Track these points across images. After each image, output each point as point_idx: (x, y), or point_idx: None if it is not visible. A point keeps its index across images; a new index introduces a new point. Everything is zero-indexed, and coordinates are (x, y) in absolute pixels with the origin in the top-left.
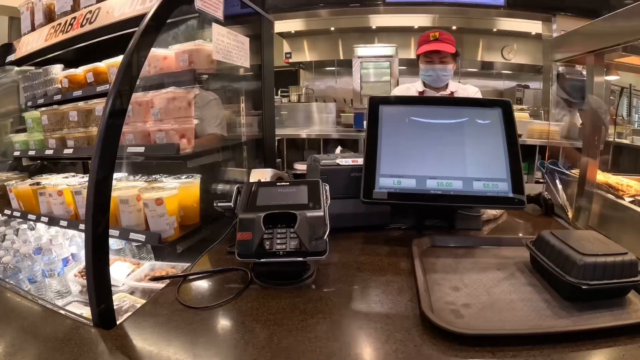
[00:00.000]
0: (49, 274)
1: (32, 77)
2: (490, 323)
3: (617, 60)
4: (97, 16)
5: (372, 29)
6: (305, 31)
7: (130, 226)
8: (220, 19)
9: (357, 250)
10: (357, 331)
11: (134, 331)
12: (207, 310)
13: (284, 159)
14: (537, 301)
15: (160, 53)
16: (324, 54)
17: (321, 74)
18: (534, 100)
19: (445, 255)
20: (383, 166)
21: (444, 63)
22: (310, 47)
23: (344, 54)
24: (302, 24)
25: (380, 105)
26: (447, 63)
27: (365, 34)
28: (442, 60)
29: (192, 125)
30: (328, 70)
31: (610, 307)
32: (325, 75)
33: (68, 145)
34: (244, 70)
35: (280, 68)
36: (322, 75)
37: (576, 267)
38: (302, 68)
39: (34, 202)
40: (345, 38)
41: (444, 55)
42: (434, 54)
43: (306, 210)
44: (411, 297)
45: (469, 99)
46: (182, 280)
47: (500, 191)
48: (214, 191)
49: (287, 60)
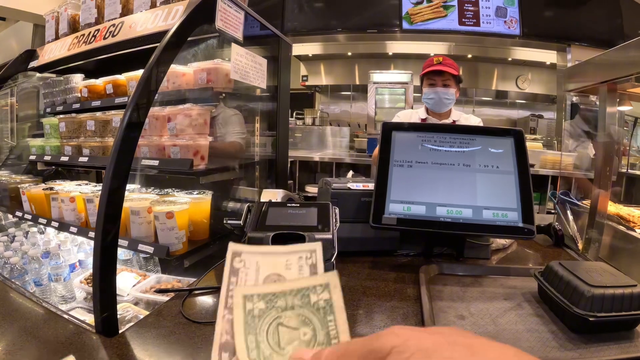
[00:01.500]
0: (55, 278)
1: (53, 84)
2: None
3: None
4: (120, 30)
5: (389, 55)
6: (322, 55)
7: (139, 237)
8: (240, 39)
9: (364, 274)
10: None
11: (136, 341)
12: (210, 325)
13: (296, 180)
14: (543, 332)
15: (179, 70)
16: (340, 78)
17: (336, 98)
18: (547, 130)
19: (453, 283)
20: (393, 192)
21: (446, 86)
22: (327, 71)
23: (360, 79)
24: (319, 47)
25: (393, 131)
26: (449, 87)
27: (382, 60)
28: (445, 84)
29: (207, 142)
30: (343, 95)
31: (617, 339)
32: (341, 99)
33: (83, 154)
34: (261, 91)
35: (297, 90)
36: (338, 100)
37: (584, 299)
38: (318, 91)
39: (46, 207)
40: (361, 63)
41: (446, 77)
42: (436, 75)
43: (315, 232)
44: (416, 323)
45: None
46: (187, 294)
47: (510, 220)
48: (225, 208)
49: (303, 83)
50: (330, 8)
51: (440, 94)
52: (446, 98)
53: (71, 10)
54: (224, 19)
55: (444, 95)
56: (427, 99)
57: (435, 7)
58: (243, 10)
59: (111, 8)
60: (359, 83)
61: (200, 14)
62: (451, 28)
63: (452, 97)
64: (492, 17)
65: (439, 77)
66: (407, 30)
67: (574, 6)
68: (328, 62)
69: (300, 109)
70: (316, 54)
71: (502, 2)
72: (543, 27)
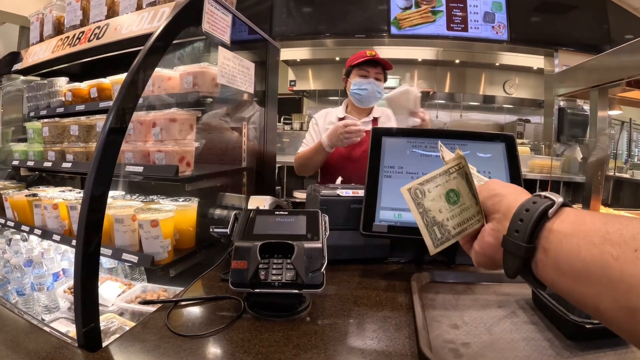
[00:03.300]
0: (38, 288)
1: (37, 87)
2: None
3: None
4: (105, 32)
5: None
6: (310, 60)
7: (124, 246)
8: (227, 42)
9: (354, 283)
10: None
11: (120, 355)
12: (196, 338)
13: (284, 186)
14: (539, 340)
15: (165, 73)
16: (328, 83)
17: (325, 103)
18: (534, 135)
19: (445, 291)
20: (384, 199)
21: (378, 80)
22: (315, 76)
23: None
24: (307, 52)
25: (383, 136)
26: (380, 81)
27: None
28: (377, 77)
29: (192, 148)
30: (331, 100)
31: (614, 345)
32: (329, 104)
33: (67, 159)
34: (248, 96)
35: (285, 95)
36: (326, 104)
37: None
38: (306, 96)
39: (29, 214)
40: None
41: (379, 71)
42: (370, 67)
43: (304, 241)
44: (409, 334)
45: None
46: (172, 305)
47: None
48: (212, 216)
49: (291, 88)
50: (319, 13)
51: (374, 86)
52: (378, 92)
53: (56, 11)
54: (210, 21)
55: (377, 88)
56: (358, 89)
57: (424, 12)
58: (231, 13)
59: (97, 10)
60: None
61: (186, 16)
62: (439, 33)
63: (382, 92)
64: (480, 22)
65: (373, 69)
66: (395, 35)
67: (561, 12)
68: (316, 67)
69: (288, 114)
70: (304, 59)
71: (490, 7)
72: (531, 32)
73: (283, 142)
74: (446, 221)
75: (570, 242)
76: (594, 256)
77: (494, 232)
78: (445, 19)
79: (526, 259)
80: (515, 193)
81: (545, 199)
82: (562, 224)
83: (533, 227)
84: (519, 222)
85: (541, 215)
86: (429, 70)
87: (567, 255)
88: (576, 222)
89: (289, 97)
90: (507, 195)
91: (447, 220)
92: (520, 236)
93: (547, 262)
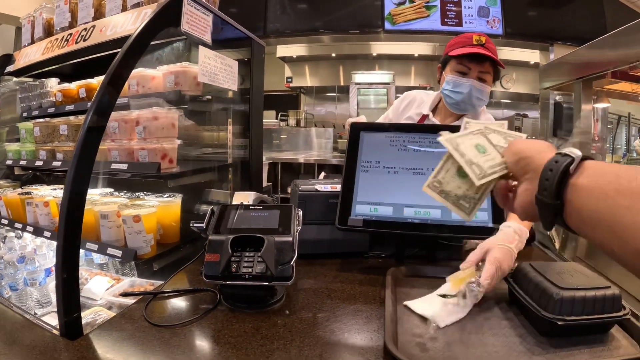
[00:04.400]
0: (31, 283)
1: (29, 88)
2: (458, 359)
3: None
4: (92, 34)
5: (373, 56)
6: (306, 56)
7: (109, 241)
8: (208, 41)
9: (330, 277)
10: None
11: (98, 343)
12: (170, 328)
13: (279, 183)
14: (511, 336)
15: (149, 73)
16: (324, 79)
17: (322, 99)
18: (532, 129)
19: (421, 285)
20: (360, 193)
21: (482, 81)
22: (312, 73)
23: (344, 80)
24: (303, 49)
25: (361, 132)
26: (485, 82)
27: (366, 61)
28: (482, 77)
29: (175, 145)
30: (328, 96)
31: (589, 343)
32: (326, 100)
33: (57, 158)
34: (233, 93)
35: (281, 92)
36: (323, 101)
37: (552, 302)
38: (303, 93)
39: (22, 211)
40: (346, 64)
41: (486, 69)
42: (474, 62)
43: (275, 235)
44: (378, 327)
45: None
46: (151, 297)
47: (479, 221)
48: (196, 211)
49: (288, 84)
50: (313, 9)
51: (473, 90)
52: (478, 97)
53: (46, 14)
54: (190, 21)
55: (478, 93)
56: (450, 91)
57: (418, 7)
58: (211, 13)
59: (84, 12)
60: (344, 84)
61: (164, 17)
62: (434, 28)
63: (485, 98)
64: (474, 17)
65: (477, 66)
66: (390, 30)
67: (557, 5)
68: (313, 63)
69: (285, 110)
70: (300, 55)
71: (485, 2)
72: (526, 26)
73: (281, 138)
74: (466, 191)
75: (589, 194)
76: (608, 206)
77: (527, 191)
78: (439, 14)
79: (556, 213)
80: (540, 152)
81: (565, 156)
82: (581, 178)
83: (558, 185)
84: (545, 182)
85: (564, 172)
86: (425, 65)
87: (587, 206)
88: (594, 175)
89: (286, 94)
90: (533, 155)
91: (467, 190)
92: (548, 193)
93: (573, 213)
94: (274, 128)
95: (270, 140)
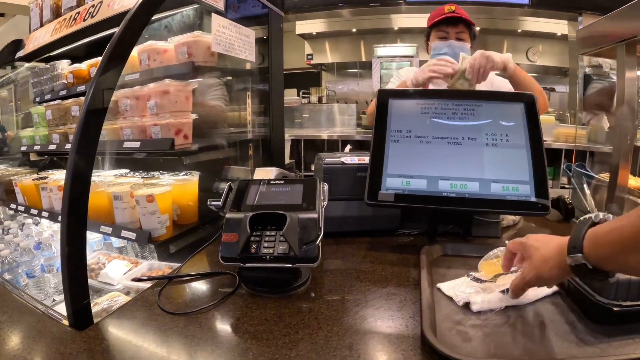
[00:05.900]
0: (48, 269)
1: (40, 72)
2: (503, 349)
3: None
4: (99, 10)
5: (394, 29)
6: (326, 32)
7: (124, 223)
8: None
9: (359, 257)
10: (345, 352)
11: (108, 334)
12: (184, 316)
13: (302, 160)
14: (560, 324)
15: (160, 46)
16: (345, 55)
17: (343, 75)
18: (559, 104)
19: (458, 265)
20: (390, 165)
21: (461, 40)
22: (332, 49)
23: (366, 55)
24: (323, 25)
25: (389, 99)
26: (464, 41)
27: (387, 35)
28: (459, 37)
29: (190, 120)
30: (350, 72)
31: None
32: (347, 77)
33: (70, 141)
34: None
35: (302, 69)
36: (344, 77)
37: (607, 286)
38: (324, 70)
39: (37, 197)
40: (367, 39)
41: (460, 30)
42: (449, 26)
43: (298, 212)
44: (414, 313)
45: (489, 92)
46: (166, 282)
47: (521, 195)
48: (216, 190)
49: (308, 62)
50: None
51: (455, 48)
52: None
53: None
54: None
55: (460, 49)
56: (437, 54)
57: None
58: None
59: None
60: (366, 60)
61: None
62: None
63: (468, 53)
64: None
65: (453, 29)
66: (411, 2)
67: None
68: (333, 39)
69: (307, 87)
70: (320, 32)
71: None
72: None
73: (303, 117)
74: None
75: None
76: None
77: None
78: None
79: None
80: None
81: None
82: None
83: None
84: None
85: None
86: None
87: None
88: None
89: (307, 71)
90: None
91: None
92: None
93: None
94: (296, 105)
95: (292, 119)
